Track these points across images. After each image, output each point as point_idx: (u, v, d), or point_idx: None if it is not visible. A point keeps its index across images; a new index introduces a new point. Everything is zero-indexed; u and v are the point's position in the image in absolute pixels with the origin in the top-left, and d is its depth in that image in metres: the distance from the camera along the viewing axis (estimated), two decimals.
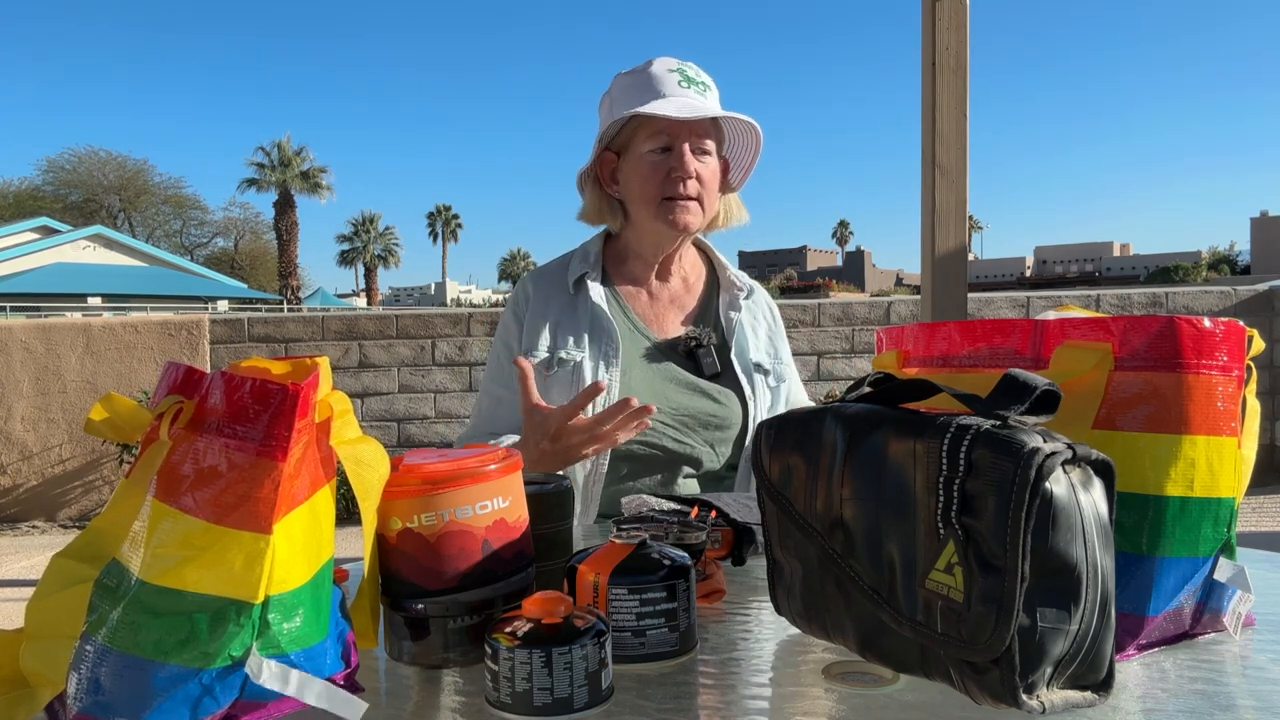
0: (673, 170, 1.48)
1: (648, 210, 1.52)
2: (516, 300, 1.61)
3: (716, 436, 1.51)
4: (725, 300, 1.63)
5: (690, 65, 1.54)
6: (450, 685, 0.79)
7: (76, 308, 20.41)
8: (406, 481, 0.79)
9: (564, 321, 1.55)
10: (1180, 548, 0.80)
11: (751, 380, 1.56)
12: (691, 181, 1.49)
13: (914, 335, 1.00)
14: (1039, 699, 0.66)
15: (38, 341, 5.73)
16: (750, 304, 1.66)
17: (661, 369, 1.53)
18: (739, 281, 1.65)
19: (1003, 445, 0.65)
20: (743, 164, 1.62)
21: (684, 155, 1.48)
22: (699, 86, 1.51)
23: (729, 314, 1.61)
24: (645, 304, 1.60)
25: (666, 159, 1.49)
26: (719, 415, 1.51)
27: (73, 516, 5.80)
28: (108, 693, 0.65)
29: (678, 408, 1.49)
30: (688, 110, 1.44)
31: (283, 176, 38.40)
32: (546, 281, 1.60)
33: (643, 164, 1.51)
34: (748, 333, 1.61)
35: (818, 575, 0.80)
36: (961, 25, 2.48)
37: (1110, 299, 5.92)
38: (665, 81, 1.49)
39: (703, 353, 1.54)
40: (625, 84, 1.53)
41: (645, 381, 1.50)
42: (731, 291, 1.64)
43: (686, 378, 1.52)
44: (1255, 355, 0.85)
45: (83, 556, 0.71)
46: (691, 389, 1.51)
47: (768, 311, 1.70)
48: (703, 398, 1.51)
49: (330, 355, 5.43)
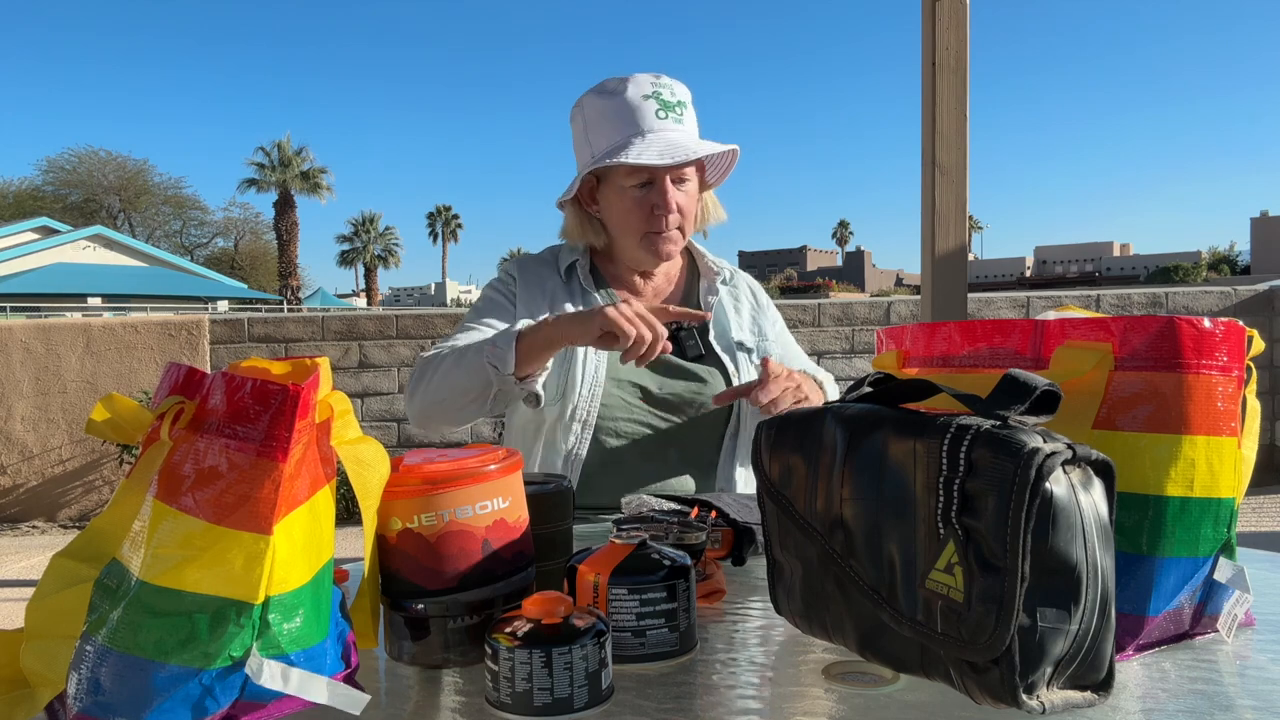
0: (655, 207, 1.53)
1: (630, 240, 1.58)
2: (503, 281, 1.66)
3: (700, 414, 1.56)
4: (704, 286, 1.69)
5: (664, 82, 1.55)
6: (450, 685, 0.79)
7: (76, 308, 20.42)
8: (406, 481, 0.79)
9: (558, 297, 1.60)
10: (1180, 548, 0.80)
11: (735, 359, 1.60)
12: (673, 215, 1.54)
13: (914, 335, 1.00)
14: (1039, 699, 0.66)
15: (38, 342, 5.72)
16: (730, 287, 1.71)
17: None
18: (716, 267, 1.70)
19: (1003, 445, 0.65)
20: (720, 165, 1.65)
21: (665, 193, 1.52)
22: (676, 110, 1.53)
23: (708, 298, 1.66)
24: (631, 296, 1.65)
25: (648, 194, 1.53)
26: (703, 394, 1.56)
27: (73, 516, 5.80)
28: (108, 693, 0.65)
29: (661, 388, 1.54)
30: (670, 154, 1.47)
31: (283, 176, 38.39)
32: (533, 267, 1.65)
33: (624, 198, 1.54)
34: (729, 313, 1.67)
35: (818, 575, 0.80)
36: (961, 25, 2.48)
37: (1110, 299, 5.92)
38: (643, 113, 1.51)
39: (684, 335, 1.56)
40: (600, 108, 1.54)
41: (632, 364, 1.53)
42: (710, 277, 1.69)
43: (670, 360, 1.55)
44: (1255, 355, 0.85)
45: (83, 556, 0.71)
46: (675, 371, 1.56)
47: (749, 293, 1.75)
48: (686, 378, 1.56)
49: (330, 355, 5.43)
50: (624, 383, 1.54)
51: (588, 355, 1.53)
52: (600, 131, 1.54)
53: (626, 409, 1.53)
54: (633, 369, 1.52)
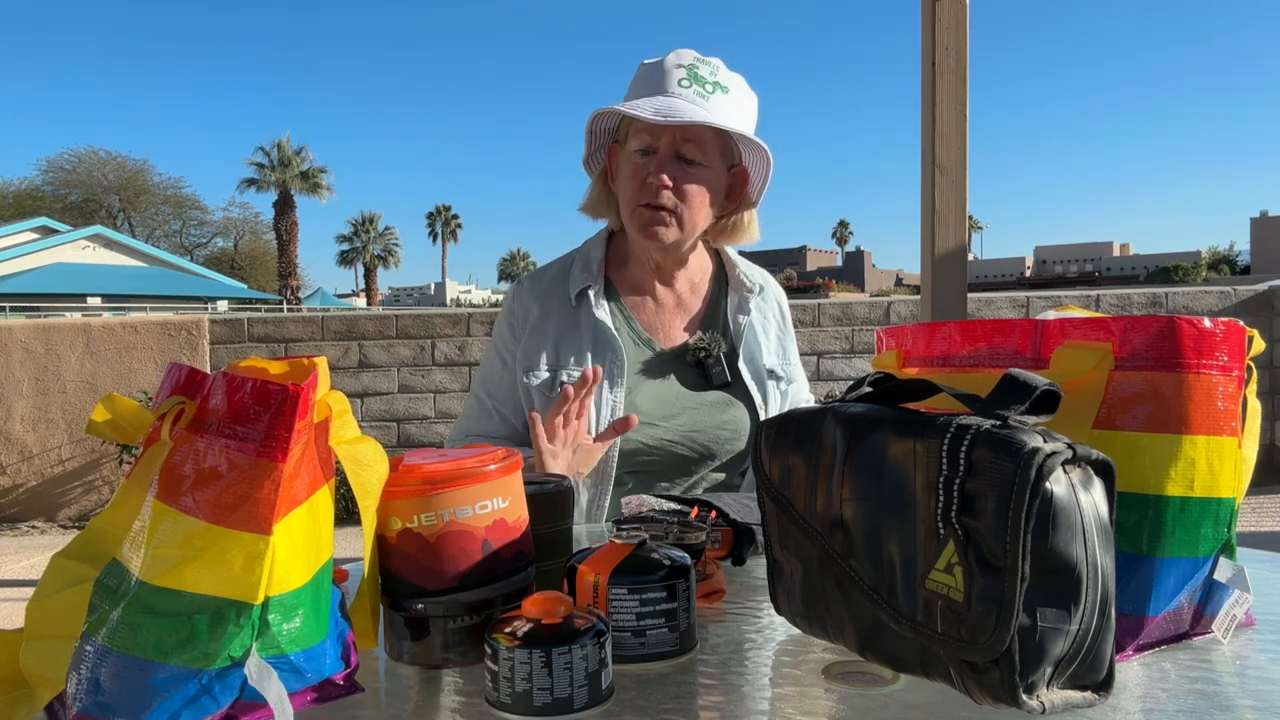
0: (648, 176, 1.41)
1: (626, 215, 1.46)
2: (512, 309, 1.54)
3: (726, 450, 1.47)
4: (734, 302, 1.55)
5: (709, 63, 1.44)
6: (450, 685, 0.79)
7: (76, 308, 20.42)
8: (406, 481, 0.79)
9: (566, 338, 1.48)
10: (1180, 548, 0.80)
11: (764, 388, 1.50)
12: (666, 192, 1.41)
13: (914, 335, 1.00)
14: (1039, 699, 0.66)
15: (38, 341, 5.72)
16: (760, 302, 1.58)
17: (668, 385, 1.47)
18: (748, 280, 1.58)
19: (1003, 445, 0.65)
20: (761, 173, 1.49)
21: (661, 163, 1.40)
22: (706, 87, 1.41)
23: (738, 318, 1.54)
24: (650, 312, 1.54)
25: (646, 163, 1.42)
26: (728, 428, 1.46)
27: (73, 516, 5.80)
28: (108, 693, 0.65)
29: (686, 425, 1.45)
30: (664, 113, 1.35)
31: (282, 176, 38.40)
32: (545, 290, 1.53)
33: (627, 164, 1.45)
34: (758, 336, 1.55)
35: (818, 575, 0.80)
36: (961, 25, 2.48)
37: (1110, 299, 5.92)
38: (668, 78, 1.41)
39: (711, 362, 1.48)
40: (639, 74, 1.46)
41: (651, 399, 1.45)
42: (741, 292, 1.56)
43: (693, 396, 1.47)
44: (1255, 355, 0.85)
45: (83, 556, 0.71)
46: (699, 405, 1.46)
47: (777, 310, 1.62)
48: (710, 412, 1.46)
49: (330, 355, 5.43)
50: (643, 425, 1.42)
51: (600, 413, 1.43)
52: (630, 95, 1.44)
53: (647, 451, 1.44)
54: (656, 409, 1.43)
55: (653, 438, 1.44)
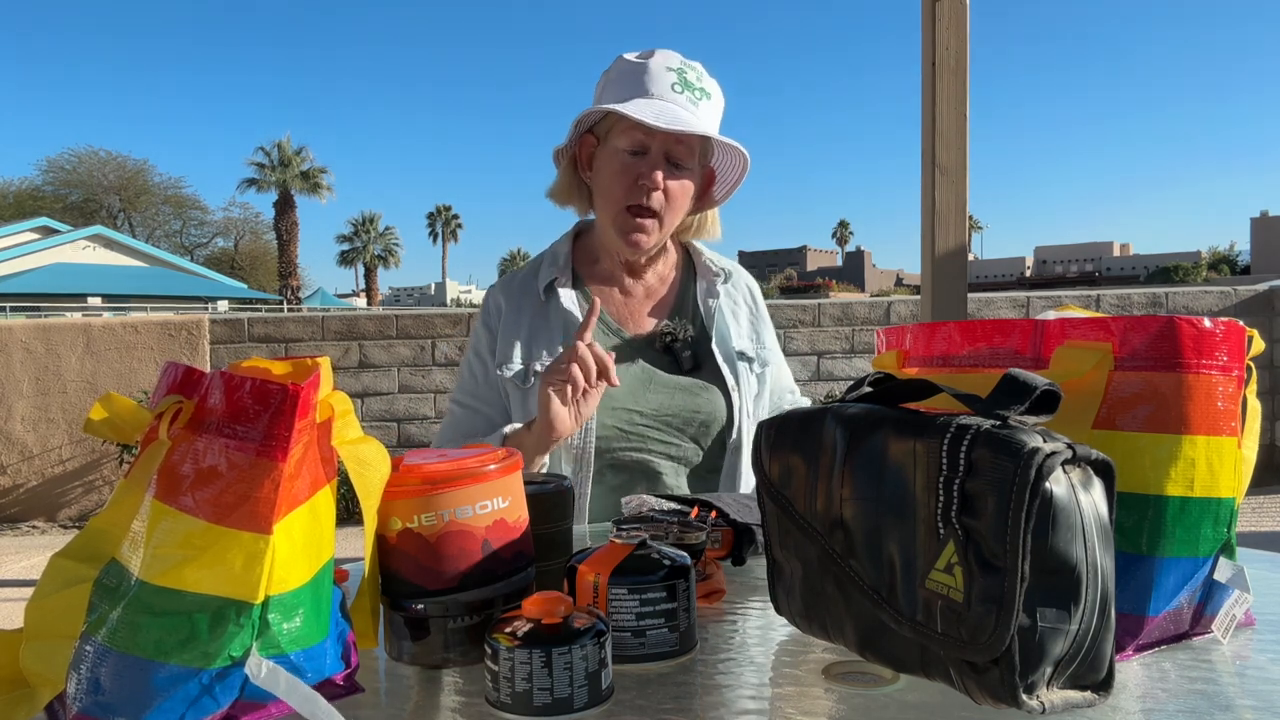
0: (640, 178, 1.43)
1: (608, 213, 1.47)
2: (487, 310, 1.57)
3: (701, 432, 1.49)
4: (702, 288, 1.58)
5: (694, 67, 1.47)
6: (450, 685, 0.79)
7: (76, 308, 20.42)
8: (406, 481, 0.79)
9: (537, 332, 1.51)
10: (1180, 548, 0.80)
11: (735, 370, 1.52)
12: (657, 194, 1.43)
13: (914, 335, 1.00)
14: (1039, 699, 0.66)
15: (38, 341, 5.72)
16: (729, 288, 1.61)
17: (638, 369, 1.49)
18: (715, 266, 1.60)
19: (1003, 445, 0.65)
20: (729, 179, 1.56)
21: (654, 165, 1.43)
22: (695, 94, 1.45)
23: (707, 301, 1.56)
24: (619, 302, 1.56)
25: (637, 164, 1.43)
26: (701, 411, 1.48)
27: (73, 516, 5.80)
28: (107, 693, 0.65)
29: (658, 409, 1.46)
30: (665, 119, 1.38)
31: (283, 176, 38.41)
32: (516, 290, 1.56)
33: (614, 161, 1.45)
34: (728, 319, 1.57)
35: (818, 575, 0.80)
36: (961, 25, 2.48)
37: (1110, 299, 5.92)
38: (659, 81, 1.43)
39: (679, 347, 1.50)
40: (623, 70, 1.47)
41: (623, 384, 1.45)
42: (708, 277, 1.59)
43: (665, 377, 1.48)
44: (1255, 355, 0.85)
45: (82, 556, 0.71)
46: (671, 388, 1.48)
47: (748, 295, 1.65)
48: (683, 395, 1.48)
49: (330, 355, 5.43)
50: (617, 410, 1.45)
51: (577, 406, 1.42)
52: (613, 90, 1.46)
53: (623, 438, 1.45)
54: (627, 394, 1.45)
55: (627, 422, 1.45)
